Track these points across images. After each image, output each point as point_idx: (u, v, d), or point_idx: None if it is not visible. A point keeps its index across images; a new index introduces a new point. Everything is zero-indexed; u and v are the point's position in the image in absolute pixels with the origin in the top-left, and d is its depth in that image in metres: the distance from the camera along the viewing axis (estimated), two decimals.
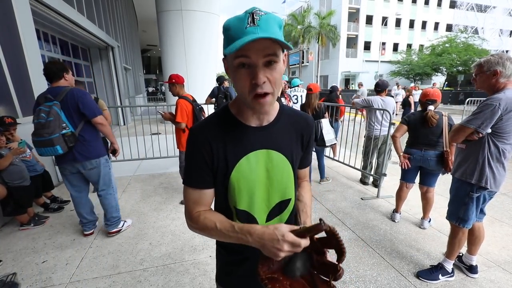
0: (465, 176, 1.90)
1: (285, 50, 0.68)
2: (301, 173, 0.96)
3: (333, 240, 0.62)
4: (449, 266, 2.08)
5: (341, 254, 0.61)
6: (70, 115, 2.27)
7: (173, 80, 3.10)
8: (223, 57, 0.71)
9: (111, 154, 2.72)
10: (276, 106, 0.83)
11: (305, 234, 0.60)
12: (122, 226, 2.76)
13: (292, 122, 0.83)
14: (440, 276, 2.06)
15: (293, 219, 0.89)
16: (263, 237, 0.62)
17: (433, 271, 2.09)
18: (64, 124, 2.22)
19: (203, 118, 3.25)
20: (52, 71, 2.29)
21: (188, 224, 0.80)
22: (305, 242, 0.60)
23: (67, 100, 2.25)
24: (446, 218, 2.07)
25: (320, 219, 0.58)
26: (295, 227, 0.62)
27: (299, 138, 0.84)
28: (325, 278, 0.65)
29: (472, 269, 2.11)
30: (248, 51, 0.60)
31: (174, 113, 3.11)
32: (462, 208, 1.94)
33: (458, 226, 1.98)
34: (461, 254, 2.24)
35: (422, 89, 6.02)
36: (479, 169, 1.83)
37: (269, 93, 0.65)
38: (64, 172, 2.46)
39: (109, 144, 2.70)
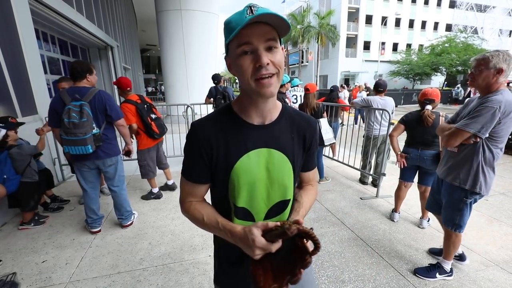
0: (458, 181, 1.84)
1: (281, 43, 0.73)
2: (305, 177, 0.95)
3: (309, 238, 0.63)
4: (447, 266, 2.09)
5: (315, 248, 0.62)
6: (96, 116, 2.38)
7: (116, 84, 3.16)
8: (224, 55, 0.75)
9: (123, 155, 2.84)
10: (279, 105, 0.83)
11: (276, 239, 0.63)
12: (133, 219, 2.90)
13: (294, 123, 0.83)
14: (437, 275, 2.07)
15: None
16: (239, 239, 0.67)
17: (431, 269, 2.11)
18: (94, 125, 2.34)
19: (152, 116, 3.23)
20: (77, 71, 2.36)
21: (181, 210, 0.86)
22: (276, 246, 0.63)
23: (95, 101, 2.36)
24: (442, 222, 2.06)
25: (283, 223, 0.59)
26: (271, 225, 0.63)
27: (301, 139, 0.84)
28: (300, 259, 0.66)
29: (462, 258, 2.21)
30: (250, 37, 0.65)
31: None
32: (457, 214, 1.91)
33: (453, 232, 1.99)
34: None
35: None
36: (473, 175, 1.78)
37: (274, 73, 0.68)
38: (82, 169, 2.52)
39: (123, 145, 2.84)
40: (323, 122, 3.73)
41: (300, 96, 5.15)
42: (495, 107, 1.59)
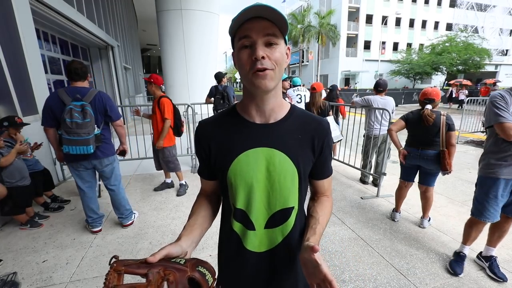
0: None
1: (287, 43, 0.72)
2: (320, 185, 0.86)
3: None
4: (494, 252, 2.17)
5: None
6: (96, 116, 2.37)
7: (152, 80, 3.23)
8: (232, 52, 0.75)
9: (119, 156, 2.83)
10: (286, 105, 0.80)
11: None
12: (134, 219, 2.91)
13: (302, 124, 0.79)
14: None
15: (299, 232, 0.83)
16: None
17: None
18: (95, 125, 2.34)
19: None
20: (82, 71, 2.37)
21: None
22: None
23: (95, 102, 2.36)
24: None
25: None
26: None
27: (309, 141, 0.78)
28: None
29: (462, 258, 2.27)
30: (249, 31, 0.65)
31: (151, 113, 3.41)
32: None
33: None
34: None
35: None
36: None
37: (269, 69, 0.66)
38: (79, 169, 2.50)
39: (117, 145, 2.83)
40: (330, 120, 3.79)
41: (304, 96, 5.13)
42: None
